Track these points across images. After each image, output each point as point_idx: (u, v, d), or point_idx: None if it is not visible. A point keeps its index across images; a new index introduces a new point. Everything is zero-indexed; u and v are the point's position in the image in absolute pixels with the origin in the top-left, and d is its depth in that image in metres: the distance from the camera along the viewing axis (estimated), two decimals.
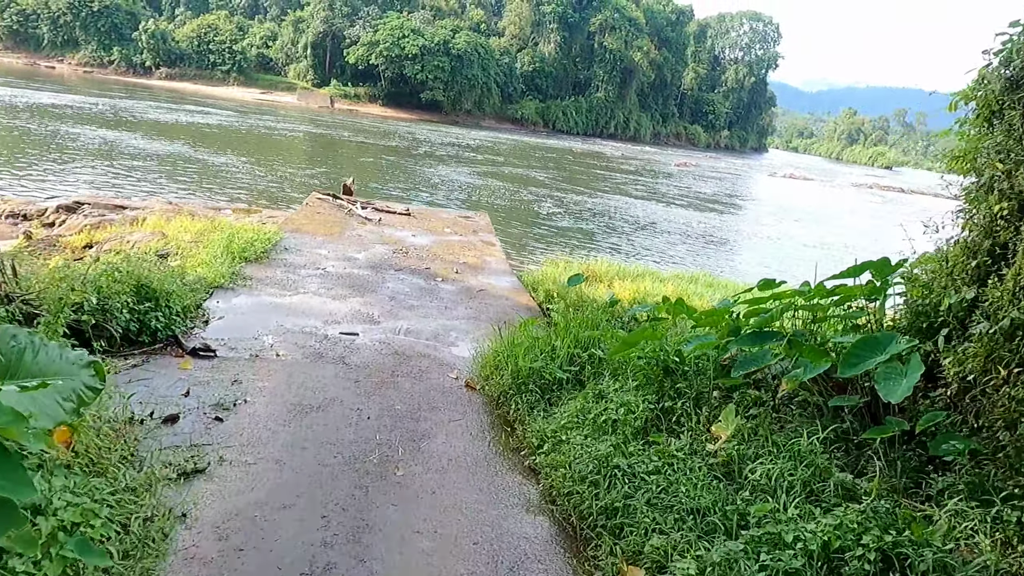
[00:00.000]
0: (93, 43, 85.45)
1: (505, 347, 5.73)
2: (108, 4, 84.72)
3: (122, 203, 13.25)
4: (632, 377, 4.75)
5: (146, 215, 12.84)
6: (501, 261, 11.20)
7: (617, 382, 4.76)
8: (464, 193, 27.68)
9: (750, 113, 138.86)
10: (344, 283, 8.67)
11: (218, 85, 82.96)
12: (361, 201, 14.21)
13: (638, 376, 4.72)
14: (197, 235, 10.54)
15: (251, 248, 9.17)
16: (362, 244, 10.90)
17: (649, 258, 21.13)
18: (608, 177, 44.61)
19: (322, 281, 8.57)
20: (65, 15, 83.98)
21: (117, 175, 21.13)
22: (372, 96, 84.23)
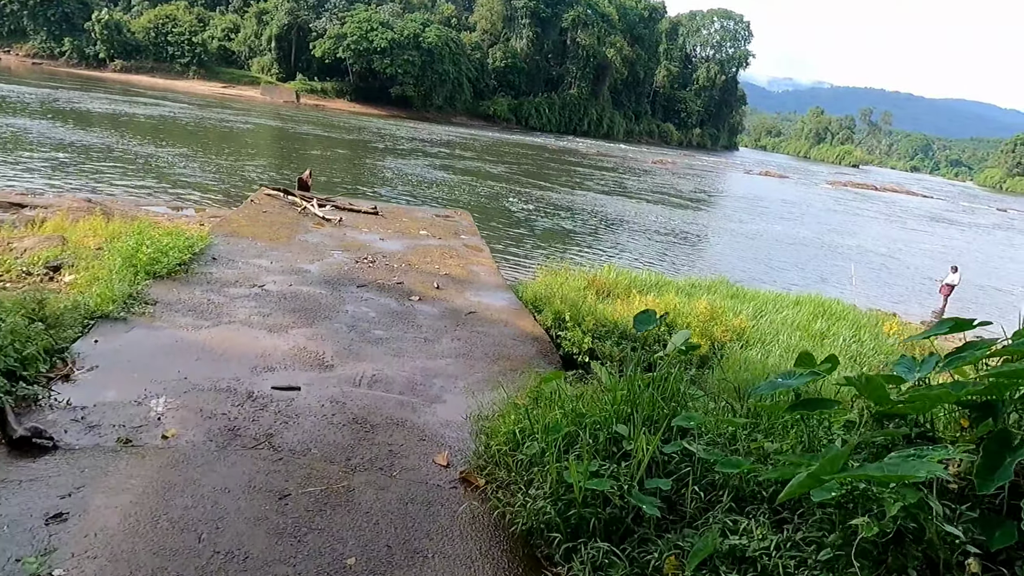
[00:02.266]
0: (43, 33, 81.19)
1: (525, 423, 3.54)
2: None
3: (20, 200, 10.74)
4: (805, 525, 2.54)
5: (49, 215, 10.43)
6: (492, 271, 9.01)
7: (763, 529, 2.56)
8: (437, 191, 25.39)
9: (721, 111, 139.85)
10: (288, 307, 6.39)
11: (177, 79, 79.50)
12: (318, 198, 11.87)
13: (824, 526, 2.50)
14: (108, 240, 8.19)
15: (164, 259, 6.82)
16: (316, 251, 8.60)
17: (637, 258, 19.22)
18: (586, 175, 42.75)
19: (257, 305, 6.28)
20: (11, 4, 79.76)
21: (33, 167, 18.37)
22: (340, 91, 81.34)
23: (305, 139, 39.42)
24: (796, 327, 9.80)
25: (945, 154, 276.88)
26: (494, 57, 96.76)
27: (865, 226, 39.68)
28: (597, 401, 3.78)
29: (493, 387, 5.18)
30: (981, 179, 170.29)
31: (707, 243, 24.81)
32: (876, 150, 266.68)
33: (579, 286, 9.25)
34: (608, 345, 6.96)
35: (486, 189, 27.87)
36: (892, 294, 20.21)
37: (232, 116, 46.84)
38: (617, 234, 22.65)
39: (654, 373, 3.73)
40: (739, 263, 21.02)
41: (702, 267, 19.24)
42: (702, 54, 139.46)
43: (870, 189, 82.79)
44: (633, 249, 20.71)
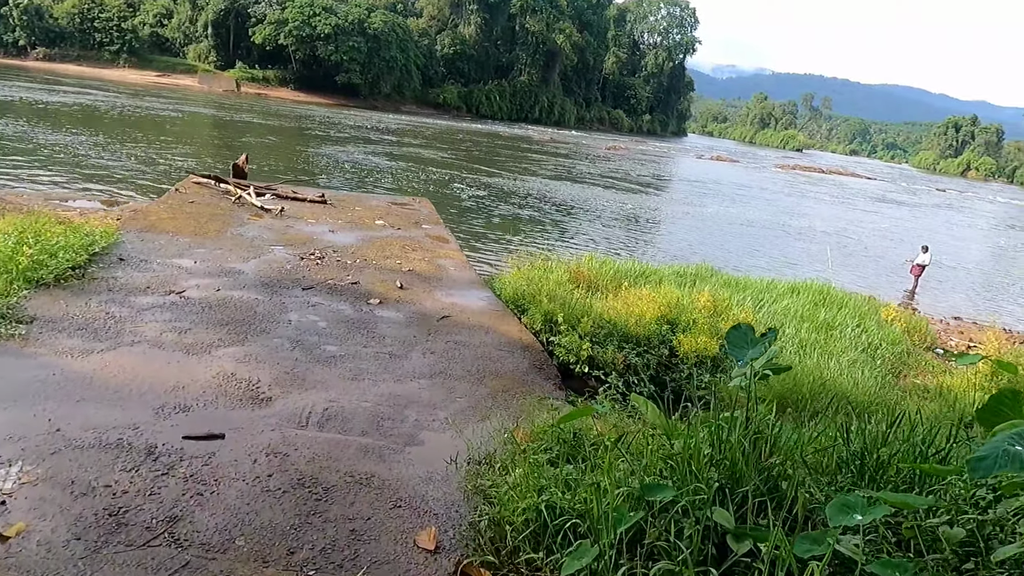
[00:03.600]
0: None
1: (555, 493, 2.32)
2: None
3: None
4: None
5: None
6: (462, 265, 7.73)
7: None
8: (388, 180, 23.85)
9: (670, 98, 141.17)
10: (213, 319, 5.00)
11: (107, 67, 75.07)
12: (256, 185, 10.34)
13: None
14: None
15: (52, 261, 5.32)
16: (253, 247, 7.16)
17: (602, 244, 18.26)
18: (541, 161, 41.68)
19: (173, 318, 4.86)
20: None
21: None
22: (283, 79, 78.06)
23: (245, 128, 37.06)
24: (800, 317, 8.87)
25: (881, 137, 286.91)
26: (442, 44, 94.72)
27: (818, 208, 39.84)
28: (659, 456, 2.57)
29: (483, 416, 3.96)
30: (916, 161, 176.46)
31: (669, 227, 24.02)
32: (817, 134, 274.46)
33: (560, 279, 8.06)
34: (610, 351, 5.80)
35: (440, 177, 26.43)
36: (858, 276, 19.74)
37: (165, 105, 43.91)
38: (579, 220, 21.59)
39: (737, 415, 2.53)
40: (704, 248, 20.25)
41: (667, 252, 18.39)
42: (650, 41, 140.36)
43: (817, 172, 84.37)
44: (596, 235, 19.70)
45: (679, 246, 20.17)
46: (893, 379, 7.81)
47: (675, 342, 6.68)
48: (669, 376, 6.35)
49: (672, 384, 6.34)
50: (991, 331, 14.63)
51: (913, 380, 8.18)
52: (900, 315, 11.13)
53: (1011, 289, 22.43)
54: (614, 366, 5.81)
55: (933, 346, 11.02)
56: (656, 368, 6.24)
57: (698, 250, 19.68)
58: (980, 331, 14.65)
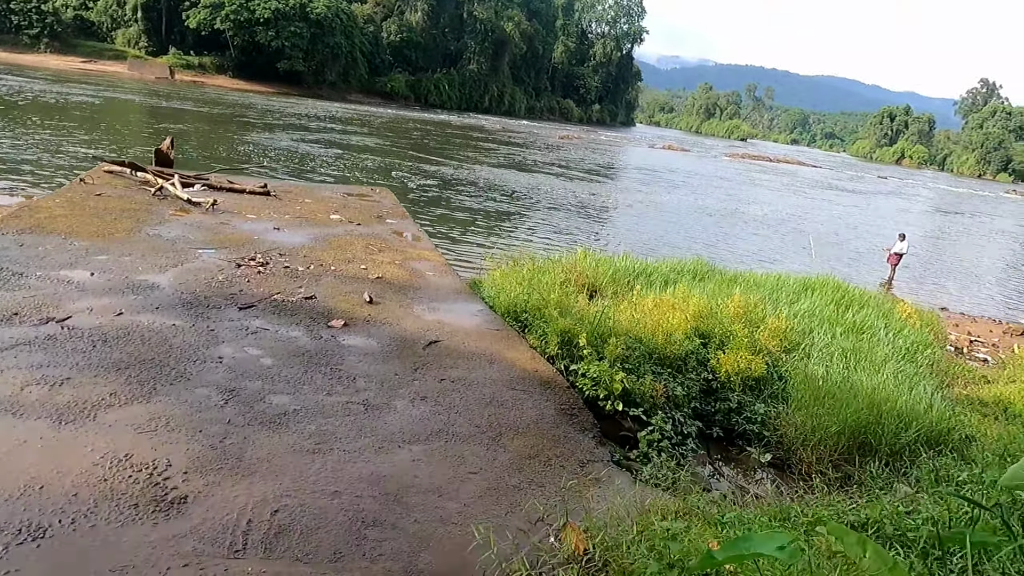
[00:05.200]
0: None
1: None
2: None
3: None
4: None
5: None
6: (443, 269, 6.26)
7: None
8: (336, 169, 21.99)
9: (618, 88, 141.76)
10: (107, 361, 3.43)
11: (25, 52, 69.69)
12: (182, 174, 8.57)
13: None
14: None
15: None
16: (174, 252, 5.53)
17: (567, 235, 16.99)
18: (494, 150, 40.25)
19: (46, 361, 3.28)
20: None
21: None
22: (220, 67, 74.01)
23: (179, 116, 34.29)
24: (828, 320, 7.75)
25: (820, 127, 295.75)
26: (389, 31, 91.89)
27: (772, 196, 39.68)
28: None
29: (510, 504, 2.56)
30: (853, 150, 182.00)
31: (632, 217, 22.94)
32: (760, 124, 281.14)
33: (554, 281, 6.70)
34: (648, 381, 4.46)
35: (390, 167, 24.65)
36: (829, 265, 19.06)
37: (90, 92, 40.47)
38: (540, 211, 20.25)
39: None
40: (672, 237, 19.27)
41: (635, 243, 17.28)
42: (598, 30, 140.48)
43: (765, 161, 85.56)
44: (560, 226, 18.43)
45: (645, 237, 19.08)
46: (945, 391, 6.75)
47: (713, 361, 5.39)
48: (712, 406, 5.05)
49: (719, 418, 5.05)
50: (984, 323, 14.01)
51: (962, 392, 7.16)
52: (914, 312, 10.22)
53: (975, 275, 22.20)
54: (653, 399, 4.46)
55: (948, 344, 10.15)
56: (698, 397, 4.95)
57: (666, 240, 18.67)
58: (974, 323, 14.04)
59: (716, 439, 4.88)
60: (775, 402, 5.24)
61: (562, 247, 15.70)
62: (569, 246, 16.01)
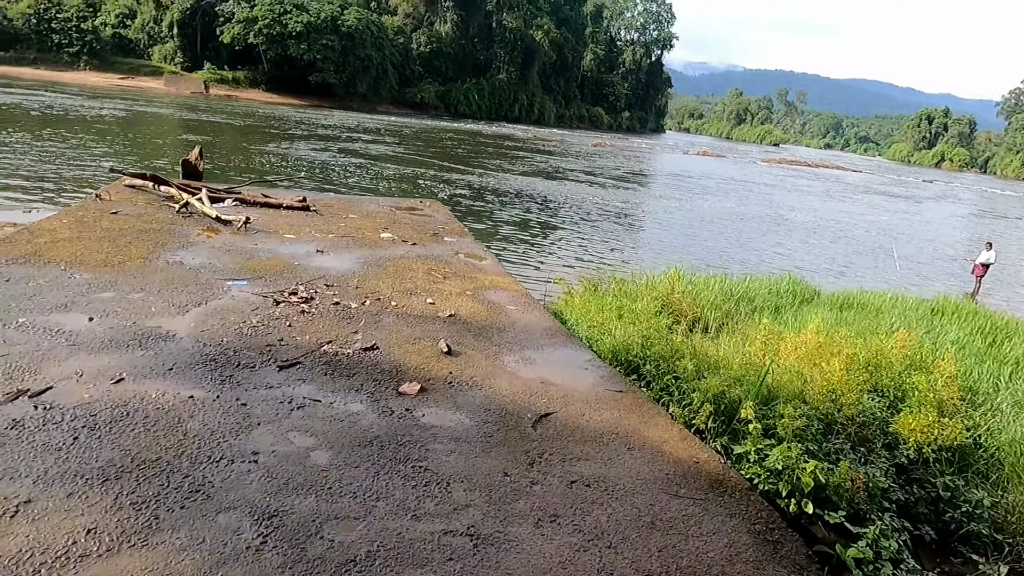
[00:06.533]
0: None
1: None
2: None
3: None
4: None
5: None
6: (525, 301, 5.07)
7: None
8: (370, 181, 21.07)
9: (648, 94, 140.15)
10: (92, 464, 2.32)
11: (66, 70, 70.78)
12: (211, 188, 7.49)
13: None
14: None
15: None
16: (196, 285, 4.42)
17: (620, 248, 15.73)
18: (526, 159, 39.09)
19: (4, 467, 2.02)
20: None
21: None
22: (253, 80, 74.39)
23: (212, 129, 33.90)
24: (982, 356, 6.31)
25: (853, 131, 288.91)
26: (418, 42, 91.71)
27: (816, 202, 37.87)
28: None
29: None
30: (890, 154, 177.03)
31: (679, 226, 21.56)
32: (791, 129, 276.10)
33: (651, 310, 5.43)
34: (844, 469, 3.13)
35: (422, 177, 23.70)
36: (900, 277, 17.36)
37: (127, 107, 40.47)
38: (579, 220, 19.02)
39: None
40: (729, 248, 17.97)
41: (686, 254, 16.05)
42: (627, 37, 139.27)
43: (803, 166, 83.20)
44: (602, 236, 17.26)
45: (694, 247, 17.72)
46: None
47: (895, 426, 4.04)
48: (910, 493, 3.70)
49: (923, 510, 3.68)
50: None
51: None
52: None
53: None
54: (849, 495, 3.13)
55: None
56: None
57: (718, 250, 17.35)
58: None
59: (926, 543, 3.53)
60: (989, 483, 3.87)
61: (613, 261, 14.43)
62: (618, 259, 14.75)
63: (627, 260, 14.41)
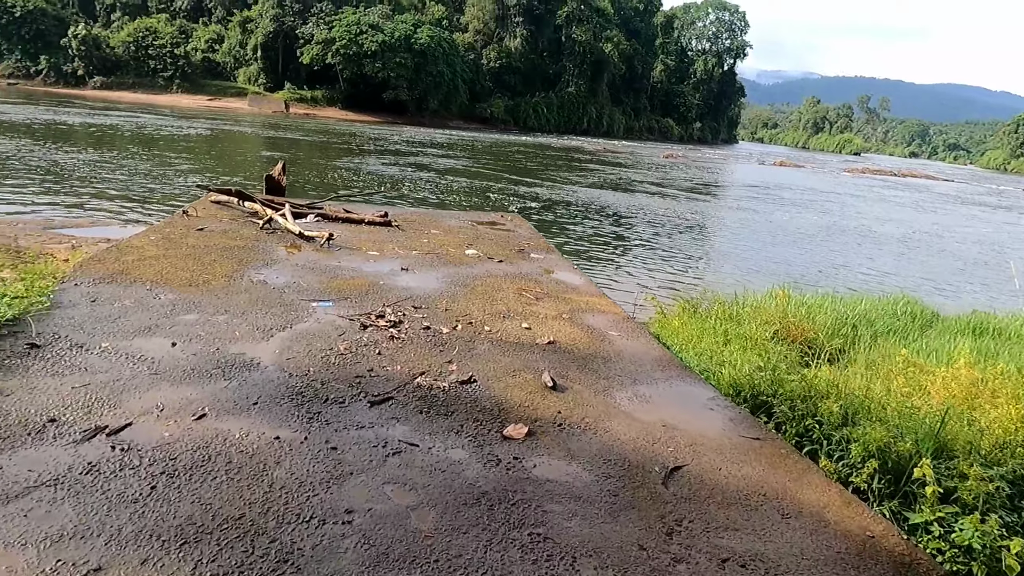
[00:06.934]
0: (17, 52, 76.74)
1: None
2: (32, 9, 76.26)
3: None
4: None
5: None
6: (625, 323, 4.64)
7: None
8: (441, 195, 20.91)
9: (720, 104, 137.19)
10: (167, 519, 1.96)
11: (160, 93, 75.30)
12: (294, 203, 7.38)
13: None
14: None
15: None
16: (281, 306, 4.17)
17: (705, 262, 14.83)
18: (597, 171, 38.44)
19: (71, 523, 1.84)
20: None
21: None
22: (330, 99, 77.02)
23: (290, 145, 35.02)
24: None
25: (941, 138, 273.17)
26: (488, 58, 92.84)
27: (907, 214, 35.53)
28: None
29: None
30: (984, 162, 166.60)
31: (759, 239, 20.48)
32: (873, 137, 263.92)
33: (761, 335, 4.85)
34: None
35: (496, 191, 23.53)
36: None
37: (210, 125, 42.42)
38: (655, 233, 18.29)
39: None
40: (813, 263, 16.87)
41: (773, 269, 15.10)
42: (698, 47, 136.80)
43: (889, 175, 79.01)
44: (689, 252, 16.43)
45: (780, 261, 16.72)
46: None
47: None
48: None
49: None
50: None
51: None
52: None
53: None
54: None
55: None
56: None
57: (805, 265, 16.36)
58: None
59: None
60: None
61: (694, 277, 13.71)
62: (700, 275, 14.00)
63: (709, 276, 13.67)
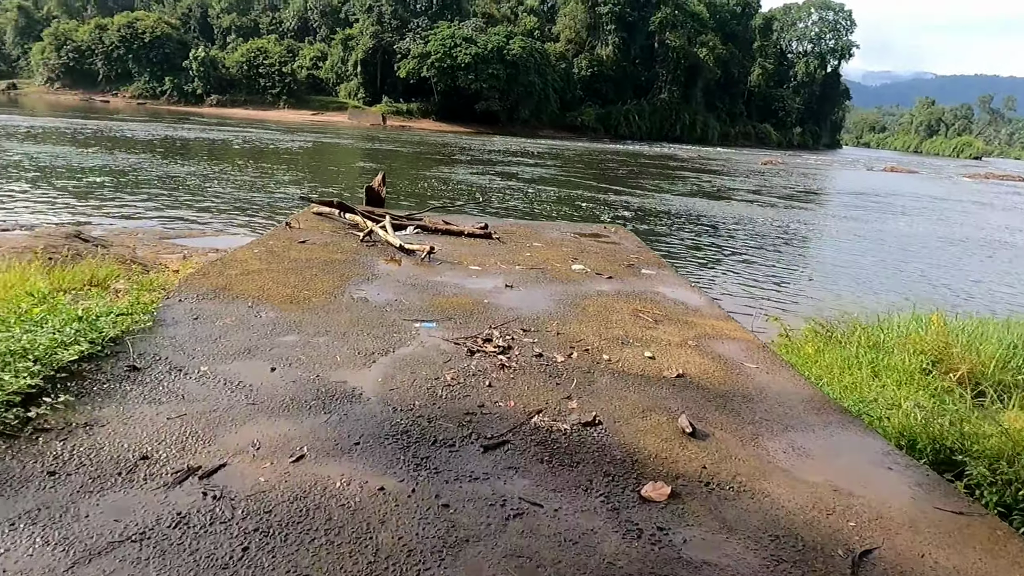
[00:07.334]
0: (146, 75, 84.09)
1: None
2: (160, 35, 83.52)
3: None
4: None
5: None
6: (761, 353, 4.02)
7: None
8: (530, 204, 20.61)
9: (823, 108, 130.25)
10: None
11: (268, 109, 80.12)
12: (394, 215, 7.22)
13: None
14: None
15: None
16: (382, 327, 3.89)
17: (814, 278, 13.72)
18: (692, 179, 37.07)
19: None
20: (118, 48, 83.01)
21: (53, 196, 14.82)
22: (425, 111, 79.30)
23: (386, 155, 36.01)
24: None
25: None
26: (579, 66, 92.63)
27: None
28: None
29: None
30: None
31: (874, 252, 18.85)
32: (995, 140, 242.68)
33: (914, 367, 4.11)
34: None
35: (586, 199, 23.04)
36: None
37: (314, 139, 44.33)
38: (765, 247, 17.20)
39: None
40: (942, 280, 15.27)
41: (901, 286, 13.68)
42: (799, 49, 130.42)
43: (1018, 180, 72.09)
44: (796, 265, 15.31)
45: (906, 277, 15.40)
46: None
47: None
48: None
49: None
50: None
51: None
52: None
53: None
54: None
55: None
56: None
57: (936, 282, 14.80)
58: None
59: None
60: None
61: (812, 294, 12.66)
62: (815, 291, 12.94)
63: (824, 293, 12.61)
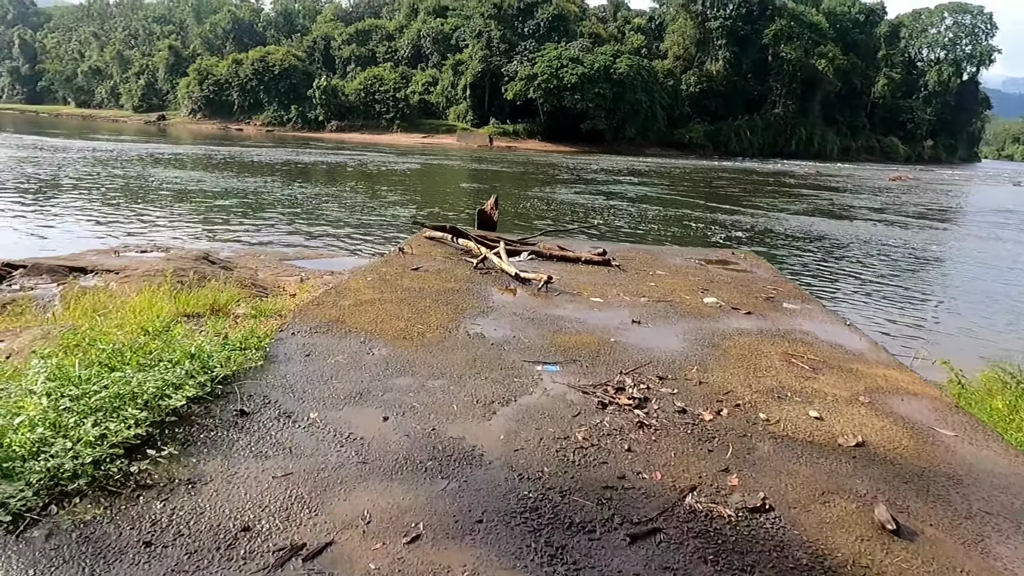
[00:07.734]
0: (275, 104, 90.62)
1: None
2: (288, 67, 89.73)
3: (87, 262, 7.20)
4: None
5: (115, 281, 7.14)
6: (952, 414, 3.23)
7: None
8: (634, 224, 19.81)
9: (958, 119, 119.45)
10: None
11: (383, 133, 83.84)
12: (507, 240, 6.88)
13: None
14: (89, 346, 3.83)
15: (82, 437, 2.03)
16: (501, 370, 3.51)
17: (961, 308, 12.03)
18: (809, 197, 34.66)
19: None
20: (251, 80, 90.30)
21: (181, 218, 15.80)
22: (531, 132, 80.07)
23: (493, 176, 36.37)
24: None
25: None
26: (687, 83, 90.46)
27: None
28: None
29: None
30: None
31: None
32: None
33: None
34: None
35: (693, 219, 21.96)
36: None
37: (424, 160, 45.66)
38: (898, 271, 15.58)
39: None
40: None
41: None
42: (931, 56, 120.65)
43: None
44: (943, 292, 13.60)
45: None
46: None
47: None
48: None
49: None
50: None
51: None
52: None
53: None
54: None
55: None
56: None
57: None
58: None
59: None
60: None
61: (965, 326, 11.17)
62: (969, 322, 11.38)
63: (977, 326, 11.07)
